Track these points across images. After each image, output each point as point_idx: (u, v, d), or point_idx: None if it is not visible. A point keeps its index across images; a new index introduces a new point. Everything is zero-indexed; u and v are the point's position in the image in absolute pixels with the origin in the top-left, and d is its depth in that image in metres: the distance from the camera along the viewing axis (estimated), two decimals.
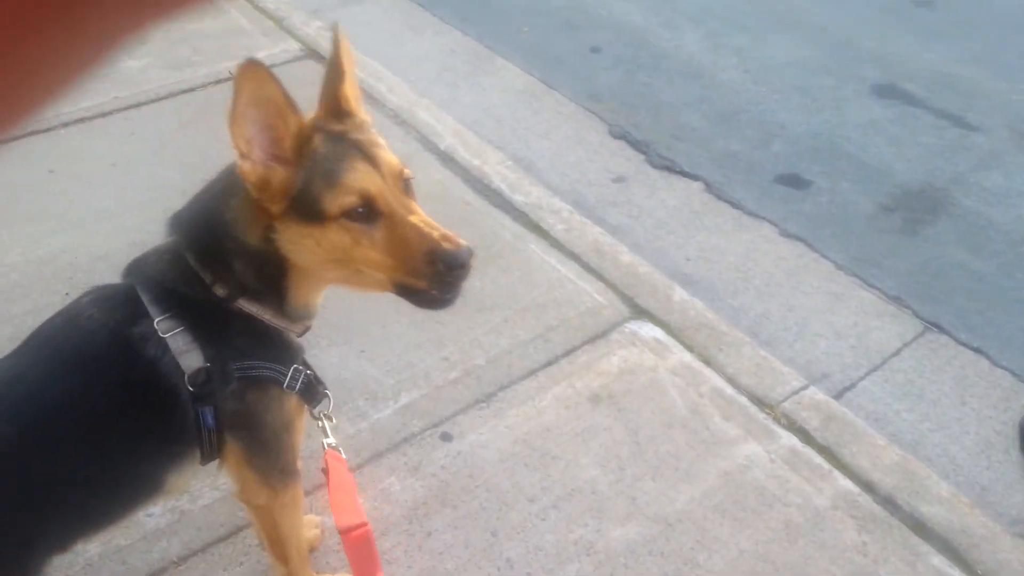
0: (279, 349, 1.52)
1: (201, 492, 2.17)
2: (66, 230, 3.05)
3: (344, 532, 1.49)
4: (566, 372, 2.60)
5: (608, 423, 2.44)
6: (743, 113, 4.16)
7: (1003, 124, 4.07)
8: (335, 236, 1.36)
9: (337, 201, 1.34)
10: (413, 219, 1.40)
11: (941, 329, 3.01)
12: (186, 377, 1.41)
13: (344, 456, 1.64)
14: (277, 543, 1.74)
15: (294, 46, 4.26)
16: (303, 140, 1.36)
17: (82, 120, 3.65)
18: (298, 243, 1.39)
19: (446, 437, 2.39)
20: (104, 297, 1.47)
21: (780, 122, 4.10)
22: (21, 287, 2.81)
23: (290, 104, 1.33)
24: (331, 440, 1.61)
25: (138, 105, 3.76)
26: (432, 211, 3.40)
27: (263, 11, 4.59)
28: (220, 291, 1.45)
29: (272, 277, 1.44)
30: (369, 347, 2.64)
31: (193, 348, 1.41)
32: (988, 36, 4.78)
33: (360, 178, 1.36)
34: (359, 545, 1.47)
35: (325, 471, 1.59)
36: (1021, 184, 3.69)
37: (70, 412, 1.40)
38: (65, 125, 3.62)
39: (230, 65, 3.96)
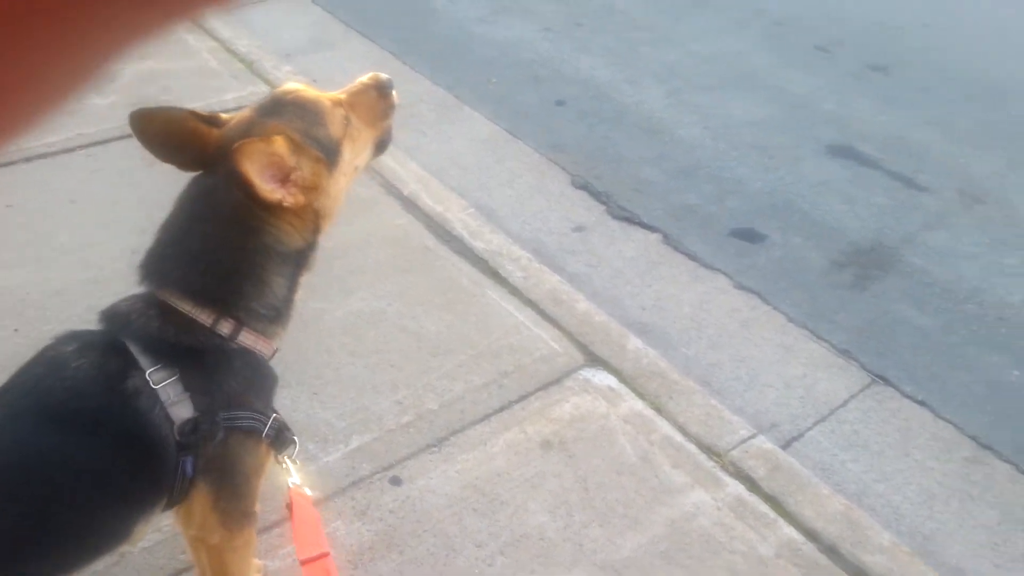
0: (267, 384, 1.58)
1: None
2: (22, 265, 3.04)
3: (304, 562, 1.49)
4: (518, 418, 2.62)
5: (558, 469, 2.46)
6: (701, 169, 4.27)
7: (951, 186, 4.22)
8: (351, 146, 1.62)
9: (336, 127, 1.58)
10: (350, 92, 1.71)
11: (887, 382, 3.08)
12: (175, 428, 1.42)
13: (310, 493, 1.64)
14: None
15: (263, 89, 4.31)
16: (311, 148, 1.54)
17: (44, 156, 3.66)
18: (339, 182, 1.59)
19: (395, 481, 2.39)
20: (89, 346, 1.45)
21: (737, 178, 4.21)
22: None
23: (288, 135, 1.48)
24: (296, 479, 1.61)
25: (103, 142, 3.78)
26: (392, 255, 3.45)
27: (234, 53, 4.66)
28: (226, 327, 1.47)
29: (295, 269, 1.56)
30: (322, 389, 2.64)
31: (184, 398, 1.42)
32: (940, 102, 4.97)
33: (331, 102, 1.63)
34: (317, 574, 1.48)
35: (289, 506, 1.60)
36: (966, 244, 3.81)
37: (55, 469, 1.38)
38: (27, 160, 3.62)
39: (200, 105, 4.00)
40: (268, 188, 1.42)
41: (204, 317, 1.47)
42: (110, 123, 3.91)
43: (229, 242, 1.48)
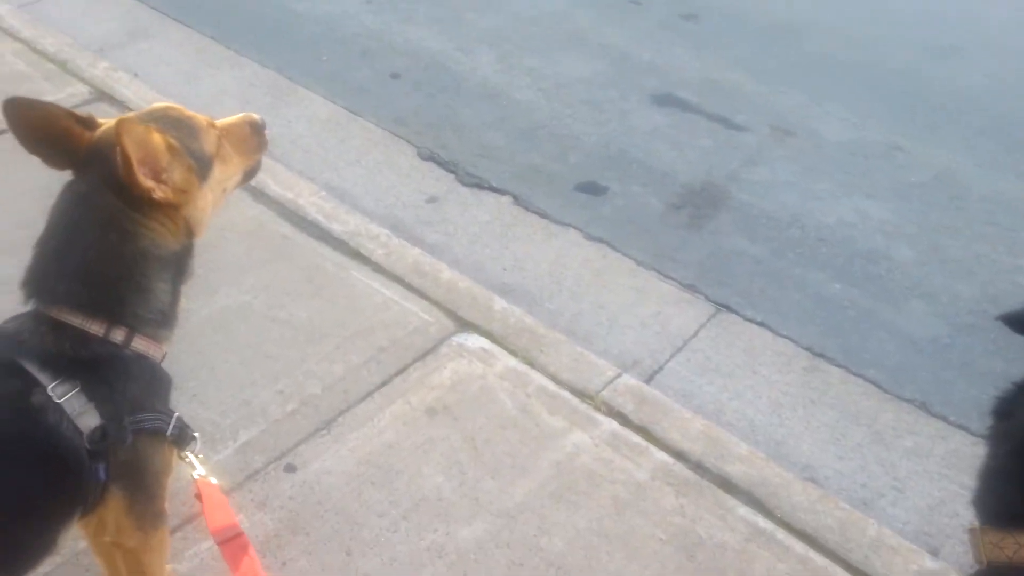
0: (163, 386, 1.63)
1: None
2: None
3: (221, 544, 1.55)
4: (401, 390, 2.71)
5: (446, 432, 2.58)
6: (540, 129, 4.45)
7: (764, 123, 4.60)
8: (222, 167, 1.69)
9: (210, 145, 1.66)
10: (224, 123, 1.77)
11: (730, 309, 3.39)
12: (85, 437, 1.44)
13: (215, 481, 1.69)
14: None
15: (82, 89, 4.10)
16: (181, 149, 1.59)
17: None
18: (207, 196, 1.65)
19: (290, 468, 2.44)
20: None
21: (574, 134, 4.42)
22: None
23: (165, 136, 1.54)
24: (201, 470, 1.66)
25: None
26: (250, 247, 3.42)
27: (42, 54, 4.38)
28: (118, 335, 1.50)
29: (176, 274, 1.61)
30: (200, 390, 2.63)
31: (89, 408, 1.45)
32: (745, 45, 5.36)
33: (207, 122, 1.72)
34: (236, 552, 1.54)
35: (198, 496, 1.65)
36: (783, 175, 4.19)
37: None
38: None
39: None
40: (142, 173, 1.47)
41: (95, 328, 1.50)
42: None
43: (108, 250, 1.51)
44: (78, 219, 1.51)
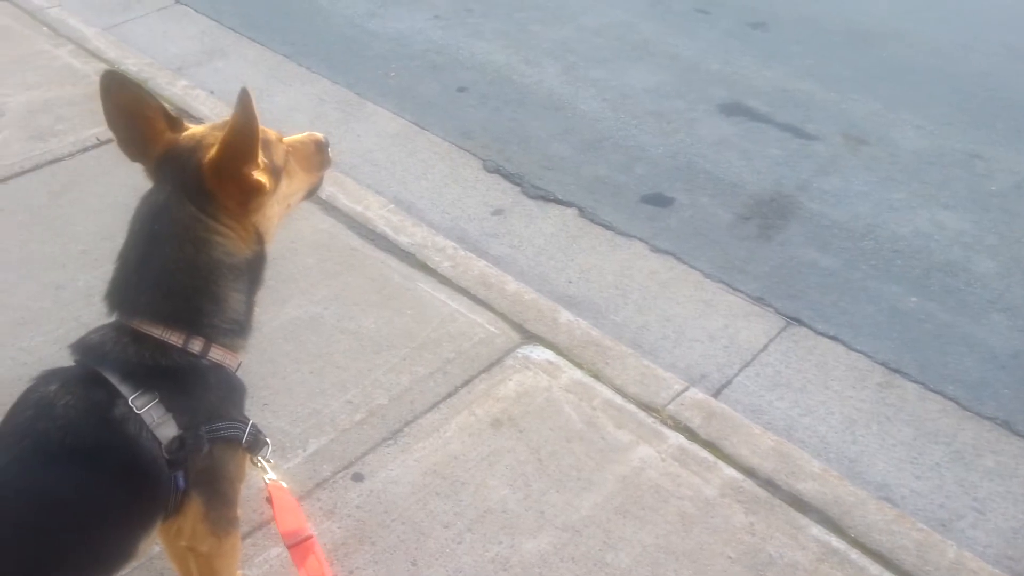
0: (238, 394, 1.68)
1: None
2: None
3: (291, 547, 1.59)
4: (466, 401, 2.72)
5: (511, 444, 2.58)
6: (606, 140, 4.43)
7: (836, 131, 4.49)
8: (288, 181, 1.72)
9: (279, 158, 1.69)
10: (291, 140, 1.81)
11: (801, 323, 3.31)
12: (163, 447, 1.49)
13: (285, 485, 1.73)
14: None
15: None
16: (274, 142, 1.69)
17: None
18: (274, 207, 1.67)
19: (358, 477, 2.48)
20: (71, 382, 1.50)
21: (640, 145, 4.39)
22: None
23: (263, 138, 1.59)
24: (272, 475, 1.71)
25: (3, 180, 3.69)
26: (320, 260, 3.50)
27: (126, 73, 4.56)
28: (196, 345, 1.54)
29: (249, 285, 1.65)
30: (271, 399, 2.69)
31: (168, 419, 1.50)
32: (816, 52, 5.26)
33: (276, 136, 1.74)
34: (305, 555, 1.57)
35: (269, 500, 1.69)
36: (856, 185, 4.09)
37: (63, 504, 1.42)
38: None
39: (97, 131, 3.92)
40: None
41: (175, 339, 1.54)
42: (6, 160, 3.82)
43: (186, 261, 1.55)
44: (157, 231, 1.56)
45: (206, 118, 4.15)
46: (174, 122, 1.61)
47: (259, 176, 1.57)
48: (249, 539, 2.26)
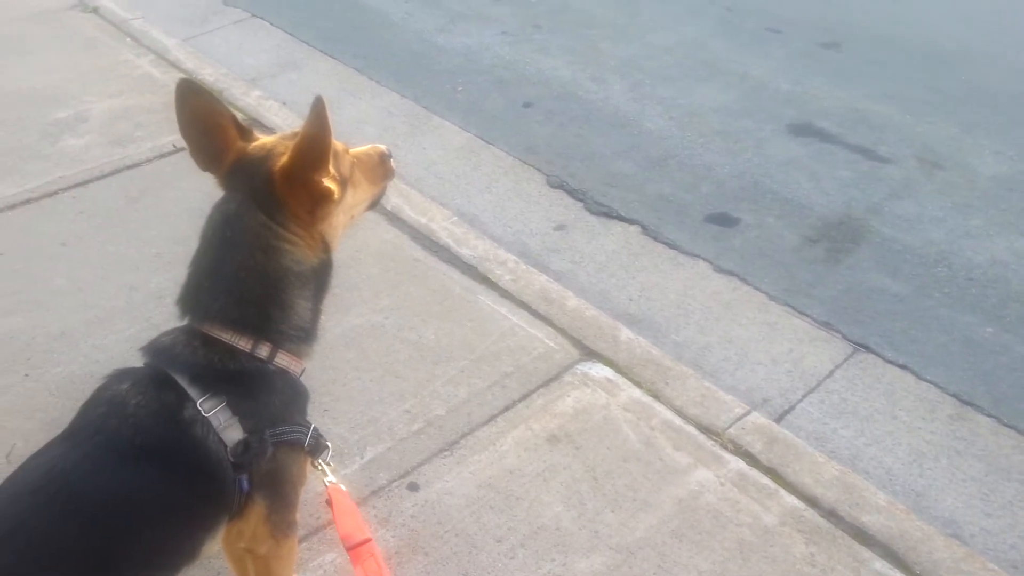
0: (302, 399, 1.71)
1: None
2: (22, 311, 3.08)
3: (351, 549, 1.60)
4: (523, 416, 2.72)
5: (567, 461, 2.57)
6: (671, 158, 4.40)
7: (911, 155, 4.38)
8: (352, 191, 1.75)
9: (345, 168, 1.72)
10: (355, 151, 1.83)
11: (869, 349, 3.22)
12: (229, 450, 1.52)
13: (345, 488, 1.75)
14: None
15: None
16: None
17: (28, 201, 3.70)
18: (339, 216, 1.70)
19: (413, 487, 2.48)
20: (143, 382, 1.54)
21: (707, 164, 4.34)
22: None
23: (334, 148, 1.64)
24: (332, 477, 1.73)
25: (84, 183, 3.82)
26: (383, 269, 3.53)
27: (202, 83, 4.70)
28: (263, 350, 1.58)
29: (315, 292, 1.67)
30: (331, 405, 2.72)
31: (233, 422, 1.53)
32: (892, 73, 5.14)
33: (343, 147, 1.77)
34: (365, 559, 1.57)
35: (329, 502, 1.72)
36: (931, 210, 3.97)
37: (131, 501, 1.46)
38: (11, 207, 3.66)
39: (173, 139, 4.05)
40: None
41: (243, 343, 1.58)
42: (88, 164, 3.96)
43: (256, 268, 1.58)
44: (229, 238, 1.59)
45: (277, 128, 4.24)
46: (245, 132, 1.65)
47: (329, 184, 1.60)
48: (304, 543, 2.28)
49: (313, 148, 1.54)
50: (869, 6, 6.00)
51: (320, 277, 1.70)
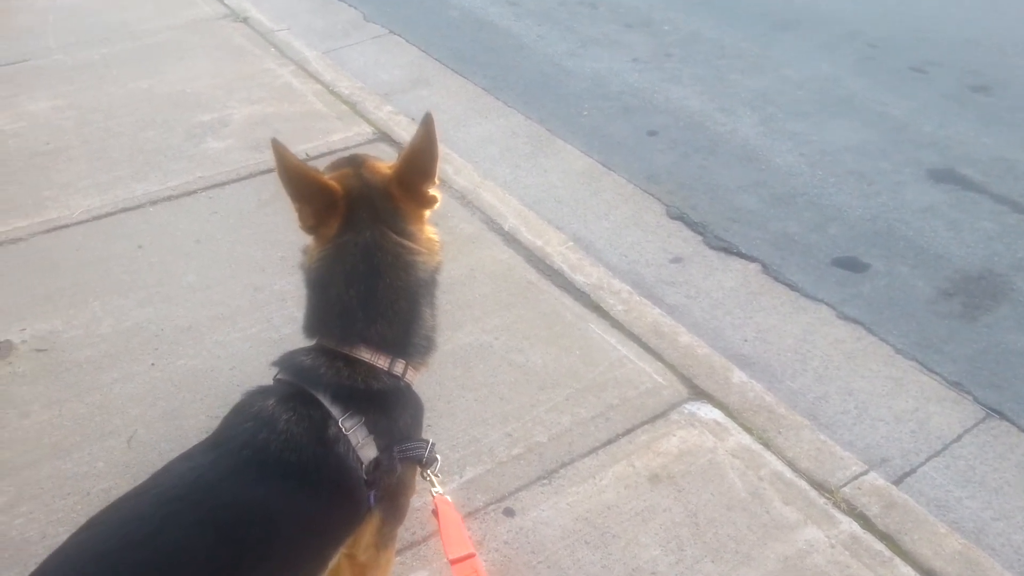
0: (421, 414, 1.75)
1: None
2: (153, 303, 3.25)
3: (454, 562, 1.60)
4: (626, 451, 2.65)
5: (668, 503, 2.49)
6: (799, 196, 4.24)
7: None
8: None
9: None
10: None
11: (1003, 416, 2.99)
12: (363, 468, 1.56)
13: (451, 500, 1.77)
14: None
15: (367, 129, 4.50)
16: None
17: (169, 198, 3.91)
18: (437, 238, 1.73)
19: (509, 512, 2.46)
20: (289, 400, 1.57)
21: (837, 205, 4.17)
22: (110, 356, 3.00)
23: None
24: (439, 489, 1.74)
25: (220, 184, 4.01)
26: (496, 290, 3.54)
27: (337, 96, 4.87)
28: (399, 367, 1.61)
29: (433, 300, 1.70)
30: (435, 421, 2.73)
31: (369, 440, 1.57)
32: None
33: None
34: (467, 573, 1.57)
35: (435, 512, 1.73)
36: None
37: (275, 513, 1.49)
38: (153, 203, 3.87)
39: (307, 147, 4.20)
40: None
41: (382, 362, 1.61)
42: (226, 166, 4.15)
43: (401, 288, 1.61)
44: (375, 264, 1.60)
45: (405, 142, 4.33)
46: (341, 179, 1.64)
47: (434, 192, 1.66)
48: (399, 557, 2.29)
49: (421, 158, 1.61)
50: (1022, 50, 5.65)
51: (437, 283, 1.73)
